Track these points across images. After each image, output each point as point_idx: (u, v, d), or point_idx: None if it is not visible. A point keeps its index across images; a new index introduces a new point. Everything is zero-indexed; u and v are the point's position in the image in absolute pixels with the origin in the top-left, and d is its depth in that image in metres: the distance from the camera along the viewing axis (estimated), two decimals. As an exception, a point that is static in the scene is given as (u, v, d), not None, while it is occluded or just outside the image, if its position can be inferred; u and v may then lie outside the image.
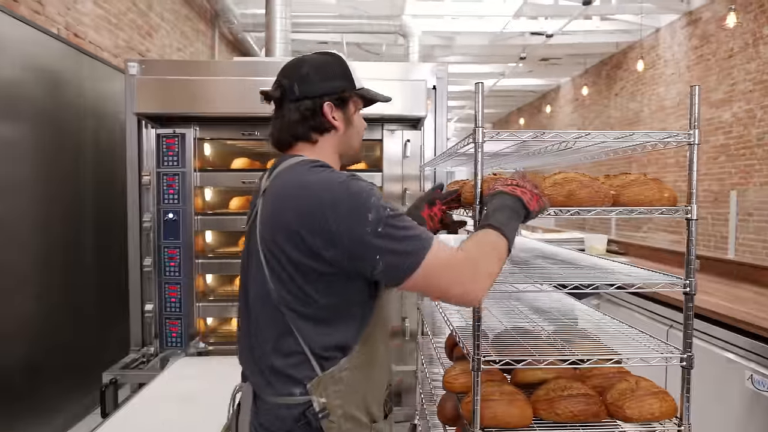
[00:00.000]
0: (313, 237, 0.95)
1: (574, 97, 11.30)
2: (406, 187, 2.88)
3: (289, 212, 0.99)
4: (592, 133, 1.11)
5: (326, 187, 0.98)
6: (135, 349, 2.82)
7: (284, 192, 1.02)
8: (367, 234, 0.93)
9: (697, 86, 1.12)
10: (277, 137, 1.13)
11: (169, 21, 4.66)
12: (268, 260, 1.01)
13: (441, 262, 0.94)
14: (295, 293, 0.99)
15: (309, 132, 1.10)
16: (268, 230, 1.02)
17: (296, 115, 1.09)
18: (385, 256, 0.93)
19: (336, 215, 0.94)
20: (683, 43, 7.40)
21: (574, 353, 1.19)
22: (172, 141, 2.86)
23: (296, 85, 1.08)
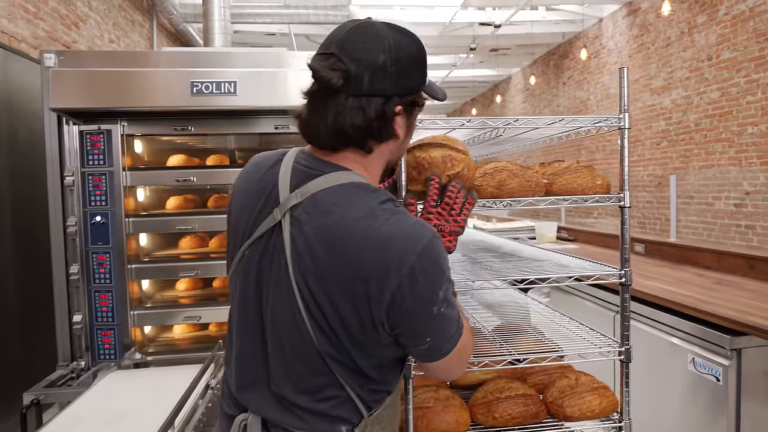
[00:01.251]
0: (379, 306, 0.78)
1: (524, 87, 11.49)
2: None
3: (351, 268, 0.78)
4: (521, 119, 1.04)
5: (408, 248, 0.77)
6: (63, 365, 2.60)
7: (346, 237, 0.79)
8: (431, 315, 0.80)
9: (626, 68, 1.07)
10: (315, 134, 0.85)
11: (100, 11, 4.35)
12: (310, 309, 0.81)
13: (465, 346, 0.88)
14: (341, 350, 0.83)
15: (366, 139, 0.85)
16: (315, 277, 0.80)
17: (359, 116, 0.82)
18: (435, 337, 0.82)
19: (412, 286, 0.77)
20: (624, 32, 7.61)
21: (511, 352, 1.13)
22: (97, 138, 2.65)
23: (367, 76, 0.81)
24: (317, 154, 0.88)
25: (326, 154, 0.87)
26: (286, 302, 0.83)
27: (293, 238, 0.82)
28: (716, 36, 5.82)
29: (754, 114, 5.36)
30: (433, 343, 0.82)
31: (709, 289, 2.31)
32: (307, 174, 0.85)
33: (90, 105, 2.47)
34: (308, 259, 0.80)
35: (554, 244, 4.31)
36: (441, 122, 1.06)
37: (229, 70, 2.49)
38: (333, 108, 0.82)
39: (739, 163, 5.55)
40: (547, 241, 4.37)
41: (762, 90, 5.24)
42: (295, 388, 0.85)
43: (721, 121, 5.80)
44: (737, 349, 1.80)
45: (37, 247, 2.89)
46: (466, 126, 1.05)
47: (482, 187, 1.08)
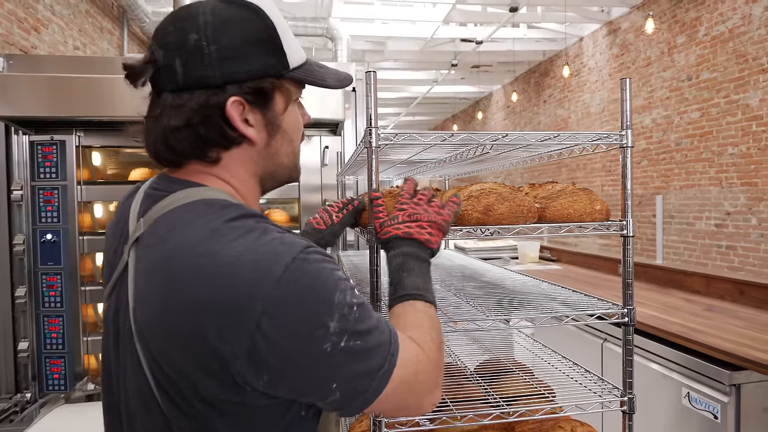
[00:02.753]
0: (235, 359, 0.56)
1: (505, 104, 11.54)
2: (325, 197, 2.62)
3: (190, 314, 0.57)
4: (511, 134, 0.90)
5: (259, 274, 0.56)
6: (6, 397, 2.36)
7: (178, 277, 0.58)
8: (323, 355, 0.57)
9: (628, 79, 0.94)
10: (152, 149, 0.68)
11: (63, 15, 4.14)
12: (156, 376, 0.61)
13: (411, 373, 0.63)
14: (201, 425, 0.62)
15: (203, 146, 0.66)
16: (153, 336, 0.60)
17: (178, 117, 0.64)
18: (344, 382, 0.59)
19: (276, 325, 0.56)
20: (605, 51, 7.68)
21: (499, 402, 0.97)
22: (49, 150, 2.45)
23: (178, 63, 0.63)
24: (168, 173, 0.70)
25: (173, 171, 0.69)
26: (133, 367, 0.64)
27: (136, 283, 0.63)
28: (696, 56, 5.88)
29: (734, 134, 5.39)
30: (346, 388, 0.59)
31: (700, 317, 2.20)
32: (154, 198, 0.67)
33: (41, 113, 2.27)
34: (146, 309, 0.61)
35: (537, 264, 4.20)
36: (420, 137, 0.92)
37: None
38: (155, 111, 0.66)
39: (719, 183, 5.56)
40: (529, 261, 4.27)
41: (742, 111, 5.28)
42: None
43: (702, 141, 5.83)
44: (736, 384, 1.68)
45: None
46: (448, 141, 0.91)
47: (467, 211, 0.94)
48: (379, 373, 0.60)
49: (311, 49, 7.68)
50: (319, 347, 0.57)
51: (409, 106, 12.93)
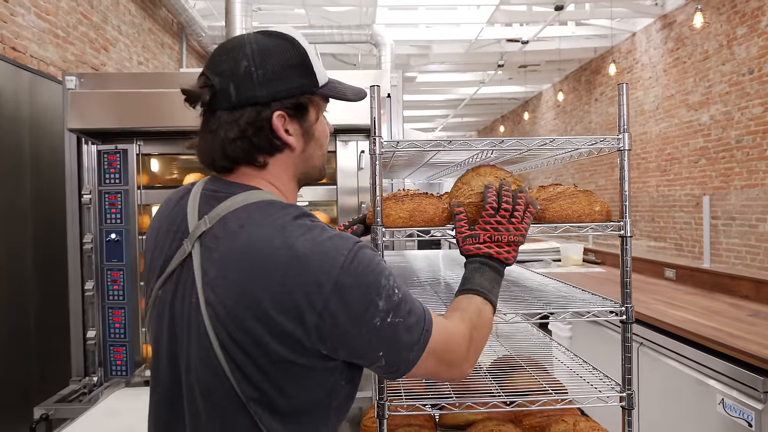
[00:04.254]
0: (306, 330, 0.70)
1: (555, 103, 11.27)
2: (362, 200, 2.73)
3: (268, 293, 0.70)
4: (508, 140, 0.96)
5: (326, 264, 0.70)
6: (76, 380, 2.62)
7: (259, 263, 0.71)
8: (374, 328, 0.72)
9: (625, 84, 0.98)
10: (209, 158, 0.81)
11: (129, 35, 4.51)
12: (228, 349, 0.72)
13: (440, 343, 0.78)
14: (266, 389, 0.74)
15: (254, 153, 0.80)
16: (228, 310, 0.72)
17: (234, 130, 0.77)
18: (389, 351, 0.74)
19: (340, 303, 0.70)
20: (659, 46, 7.37)
21: (500, 393, 1.03)
22: (113, 157, 2.70)
23: (233, 87, 0.77)
24: (221, 176, 0.83)
25: (228, 176, 0.82)
26: (199, 346, 0.75)
27: (204, 269, 0.75)
28: (758, 48, 5.54)
29: (800, 130, 5.04)
30: (390, 358, 0.74)
31: (743, 322, 2.12)
32: (215, 198, 0.79)
33: (106, 125, 2.52)
34: (220, 289, 0.73)
35: (580, 267, 4.12)
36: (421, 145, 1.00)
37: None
38: (212, 127, 0.79)
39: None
40: (572, 264, 4.19)
41: (808, 105, 4.93)
42: None
43: (765, 138, 5.48)
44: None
45: (55, 263, 2.96)
46: (448, 148, 0.98)
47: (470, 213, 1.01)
48: (417, 346, 0.75)
49: (357, 56, 7.87)
50: (371, 321, 0.71)
51: (457, 107, 12.89)
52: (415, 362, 0.75)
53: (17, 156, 2.90)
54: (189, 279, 0.76)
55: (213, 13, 6.03)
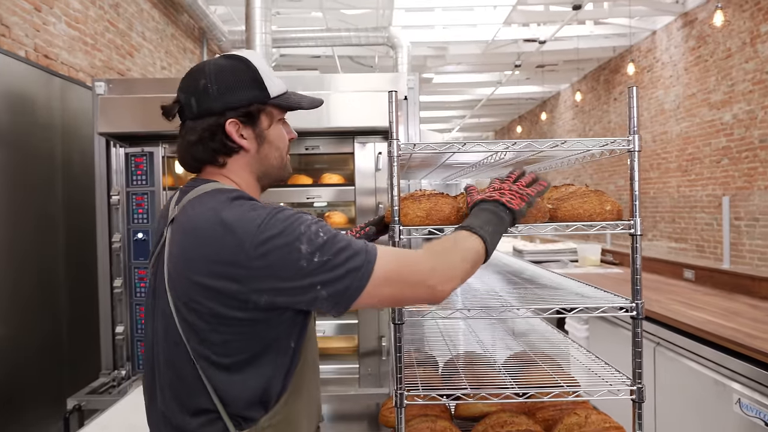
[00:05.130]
0: (239, 285, 0.82)
1: (573, 103, 11.17)
2: (379, 201, 2.78)
3: (204, 260, 0.84)
4: (520, 142, 1.00)
5: (248, 226, 0.82)
6: (105, 373, 2.73)
7: (195, 232, 0.86)
8: (302, 269, 0.81)
9: (635, 87, 1.01)
10: (183, 160, 1.00)
11: (153, 40, 4.65)
12: (179, 309, 0.87)
13: (392, 269, 0.84)
14: (212, 343, 0.86)
15: (213, 155, 0.95)
16: (178, 276, 0.87)
17: (194, 135, 0.93)
18: (327, 285, 0.82)
19: (264, 259, 0.81)
20: (680, 44, 7.26)
21: (512, 385, 1.07)
22: (140, 160, 2.81)
23: (193, 101, 0.93)
24: (195, 176, 1.01)
25: (199, 174, 0.99)
26: (162, 309, 0.90)
27: (169, 247, 0.90)
28: (781, 46, 5.43)
29: (826, 129, 4.93)
30: (330, 290, 0.82)
31: (762, 323, 2.11)
32: (184, 192, 0.96)
33: (133, 129, 2.63)
34: (174, 259, 0.88)
35: (598, 267, 4.11)
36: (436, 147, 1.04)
37: (262, 94, 2.59)
38: (182, 133, 0.97)
39: (809, 182, 5.10)
40: (590, 264, 4.18)
41: (834, 103, 4.82)
42: (168, 406, 0.90)
43: (789, 136, 5.37)
44: (789, 390, 1.63)
45: (86, 265, 3.08)
46: (463, 150, 1.03)
47: (481, 212, 1.05)
48: (357, 274, 0.82)
49: (374, 58, 7.93)
50: (296, 264, 0.81)
51: (474, 108, 12.87)
52: (361, 288, 0.82)
53: (50, 163, 3.02)
54: (162, 260, 0.92)
55: (233, 18, 6.16)
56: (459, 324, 1.78)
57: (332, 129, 2.63)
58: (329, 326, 2.71)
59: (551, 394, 1.03)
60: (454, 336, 1.60)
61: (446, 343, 1.51)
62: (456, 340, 1.56)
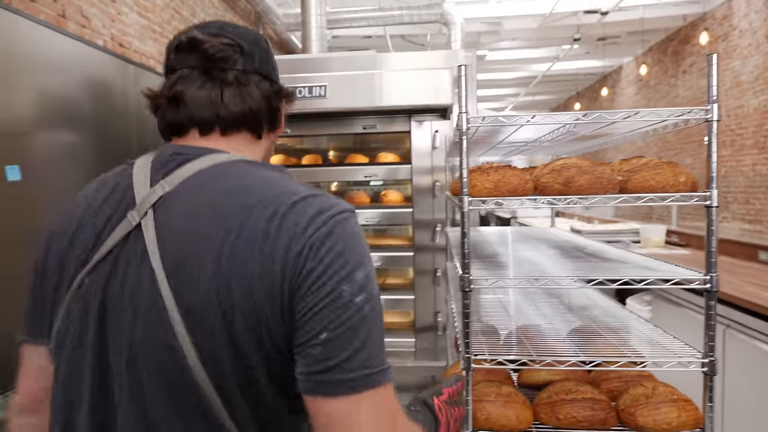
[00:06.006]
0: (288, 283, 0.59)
1: (637, 77, 10.57)
2: (436, 179, 2.81)
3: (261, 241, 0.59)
4: (590, 113, 1.00)
5: (320, 210, 0.61)
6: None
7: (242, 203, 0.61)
8: (343, 302, 0.58)
9: (715, 54, 0.98)
10: (209, 119, 0.71)
11: (214, 25, 4.83)
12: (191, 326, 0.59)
13: (393, 408, 0.60)
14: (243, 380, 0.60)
15: (261, 121, 0.74)
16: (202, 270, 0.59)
17: (257, 94, 0.72)
18: (340, 333, 0.58)
19: (319, 252, 0.59)
20: (761, 10, 6.69)
21: (578, 354, 1.09)
22: (208, 141, 2.96)
23: (257, 56, 0.73)
24: (193, 142, 0.72)
25: (207, 140, 0.72)
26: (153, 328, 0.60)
27: (161, 235, 0.62)
28: None
29: None
30: (334, 344, 0.57)
31: None
32: (177, 162, 0.68)
33: (203, 111, 2.79)
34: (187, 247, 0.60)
35: (662, 249, 3.95)
36: (505, 120, 1.06)
37: (321, 75, 2.65)
38: (226, 84, 0.70)
39: None
40: (653, 246, 4.02)
41: None
42: None
43: None
44: None
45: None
46: (531, 123, 1.04)
47: (549, 184, 1.06)
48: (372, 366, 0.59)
49: (426, 36, 7.84)
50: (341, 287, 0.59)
51: (528, 85, 12.46)
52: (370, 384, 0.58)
53: (126, 148, 3.24)
54: (137, 253, 0.63)
55: (287, 1, 6.27)
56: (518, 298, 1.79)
57: (388, 108, 2.66)
58: (385, 301, 2.79)
59: (619, 364, 1.04)
60: (513, 309, 1.63)
61: (507, 315, 1.54)
62: (515, 313, 1.59)
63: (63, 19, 2.75)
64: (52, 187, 2.60)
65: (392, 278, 3.31)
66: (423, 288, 2.81)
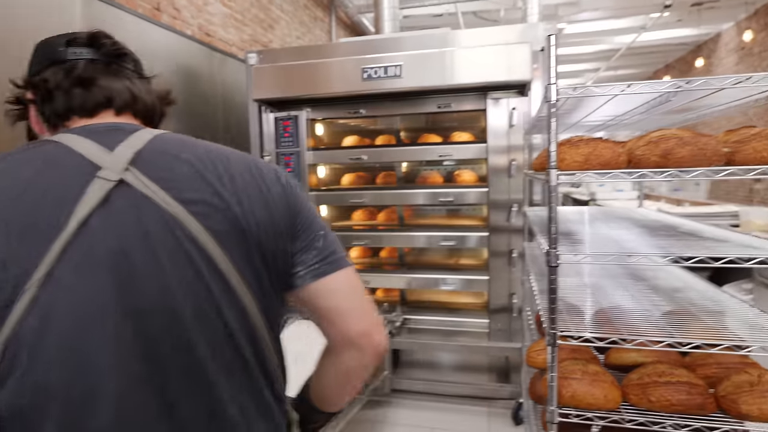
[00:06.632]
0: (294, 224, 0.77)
1: (738, 45, 9.56)
2: (512, 158, 2.74)
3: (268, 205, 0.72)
4: (694, 80, 0.94)
5: (275, 168, 0.79)
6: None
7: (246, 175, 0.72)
8: (314, 213, 0.79)
9: None
10: (113, 96, 0.76)
11: (289, 12, 4.96)
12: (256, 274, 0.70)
13: (359, 282, 0.80)
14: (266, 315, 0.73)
15: (154, 112, 0.85)
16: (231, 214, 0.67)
17: (142, 86, 0.82)
18: (327, 231, 0.79)
19: (294, 190, 0.79)
20: None
21: (672, 335, 1.04)
22: (287, 123, 3.09)
23: (134, 59, 0.83)
24: (108, 120, 0.76)
25: (120, 119, 0.77)
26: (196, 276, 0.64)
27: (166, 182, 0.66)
28: None
29: None
30: (327, 240, 0.77)
31: None
32: (127, 130, 0.72)
33: (282, 95, 2.90)
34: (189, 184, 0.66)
35: (766, 233, 3.60)
36: (597, 89, 1.02)
37: (395, 54, 2.66)
38: (120, 78, 0.78)
39: None
40: (755, 229, 3.68)
41: None
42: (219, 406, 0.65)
43: None
44: None
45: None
46: (627, 92, 0.99)
47: (644, 156, 1.01)
48: (342, 252, 0.80)
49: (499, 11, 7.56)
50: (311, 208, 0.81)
51: (610, 59, 11.67)
52: (347, 262, 0.78)
53: (214, 131, 3.45)
54: (134, 206, 0.64)
55: (359, -17, 6.28)
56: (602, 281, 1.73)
57: (463, 86, 2.62)
58: (458, 282, 2.79)
59: (721, 347, 0.98)
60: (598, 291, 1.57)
61: (592, 296, 1.49)
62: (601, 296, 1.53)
63: (158, 11, 2.95)
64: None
65: (465, 258, 3.29)
66: (497, 269, 2.77)
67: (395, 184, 3.25)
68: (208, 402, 0.64)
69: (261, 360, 0.71)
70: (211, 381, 0.64)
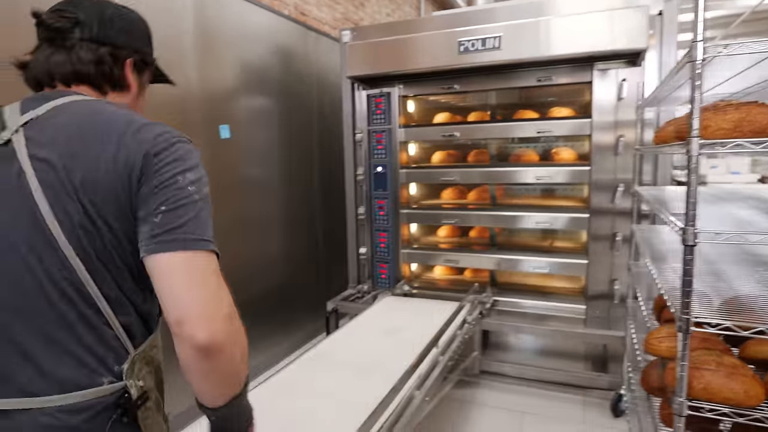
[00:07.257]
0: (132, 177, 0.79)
1: None
2: (620, 134, 2.54)
3: (98, 168, 0.77)
4: None
5: (159, 132, 0.80)
6: (352, 286, 3.24)
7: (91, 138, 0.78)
8: (177, 186, 0.77)
9: None
10: (55, 75, 0.88)
11: (379, -11, 4.95)
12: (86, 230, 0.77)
13: (214, 276, 0.77)
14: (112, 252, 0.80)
15: (100, 80, 0.90)
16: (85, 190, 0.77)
17: (90, 56, 0.88)
18: (169, 207, 0.76)
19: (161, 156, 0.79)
20: None
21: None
22: (379, 100, 3.09)
23: (96, 25, 0.88)
24: (66, 88, 0.88)
25: (63, 89, 0.88)
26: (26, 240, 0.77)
27: (31, 143, 0.79)
28: None
29: None
30: (167, 216, 0.75)
31: None
32: (45, 97, 0.84)
33: (375, 71, 2.89)
34: (64, 176, 0.77)
35: None
36: (756, 46, 0.89)
37: (493, 26, 2.54)
38: (62, 47, 0.87)
39: None
40: None
41: None
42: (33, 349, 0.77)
43: None
44: None
45: (334, 192, 3.62)
46: None
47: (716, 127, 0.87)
48: (207, 234, 0.79)
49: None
50: (177, 179, 0.79)
51: (729, 26, 10.41)
52: (199, 246, 0.76)
53: (309, 108, 3.55)
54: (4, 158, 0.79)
55: (450, -44, 6.09)
56: (728, 267, 1.56)
57: (569, 56, 2.45)
58: (553, 265, 2.66)
59: None
60: (719, 275, 1.41)
61: (716, 281, 1.34)
62: (724, 280, 1.38)
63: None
64: (253, 144, 3.00)
65: (560, 241, 3.14)
66: (598, 253, 2.61)
67: (487, 162, 3.15)
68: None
69: (81, 314, 0.78)
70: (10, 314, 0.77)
